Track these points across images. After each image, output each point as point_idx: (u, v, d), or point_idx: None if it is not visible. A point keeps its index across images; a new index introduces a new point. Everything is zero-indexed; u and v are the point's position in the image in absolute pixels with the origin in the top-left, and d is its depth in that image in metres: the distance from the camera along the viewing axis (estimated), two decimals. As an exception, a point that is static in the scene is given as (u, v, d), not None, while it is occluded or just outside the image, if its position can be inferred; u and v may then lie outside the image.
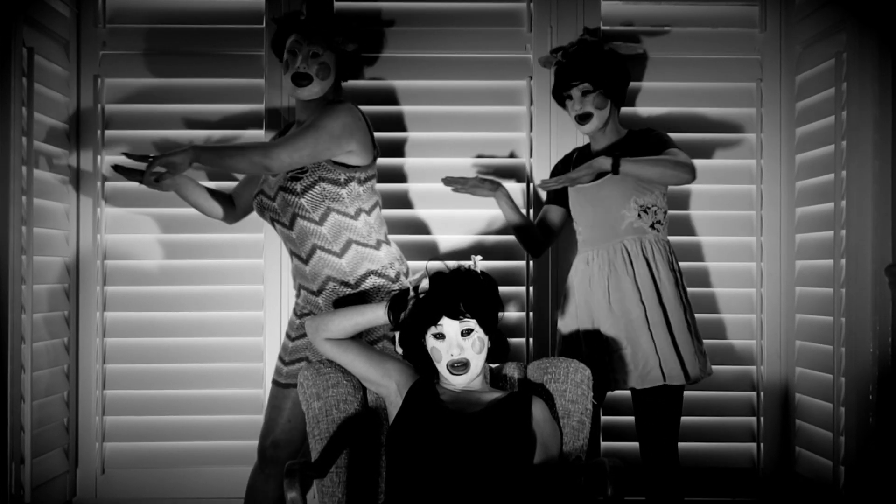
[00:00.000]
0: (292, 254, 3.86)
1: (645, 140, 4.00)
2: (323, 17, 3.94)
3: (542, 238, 4.25)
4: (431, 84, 4.52)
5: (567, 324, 4.06)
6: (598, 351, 3.92)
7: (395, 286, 3.79)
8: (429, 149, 4.52)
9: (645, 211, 3.96)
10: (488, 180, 4.12)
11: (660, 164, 3.82)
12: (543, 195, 4.38)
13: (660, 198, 3.99)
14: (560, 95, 4.07)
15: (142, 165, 3.82)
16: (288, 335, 3.95)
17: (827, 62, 4.22)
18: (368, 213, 3.87)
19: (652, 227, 3.97)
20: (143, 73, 4.49)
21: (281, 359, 3.94)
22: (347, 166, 3.81)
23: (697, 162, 4.43)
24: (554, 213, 4.25)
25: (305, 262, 3.81)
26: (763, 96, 4.54)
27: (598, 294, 3.94)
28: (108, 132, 4.49)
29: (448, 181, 4.12)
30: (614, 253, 3.95)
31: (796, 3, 4.50)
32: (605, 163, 3.83)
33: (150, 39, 4.51)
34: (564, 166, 4.22)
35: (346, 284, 3.78)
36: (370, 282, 3.79)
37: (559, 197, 4.21)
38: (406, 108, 4.50)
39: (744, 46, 4.57)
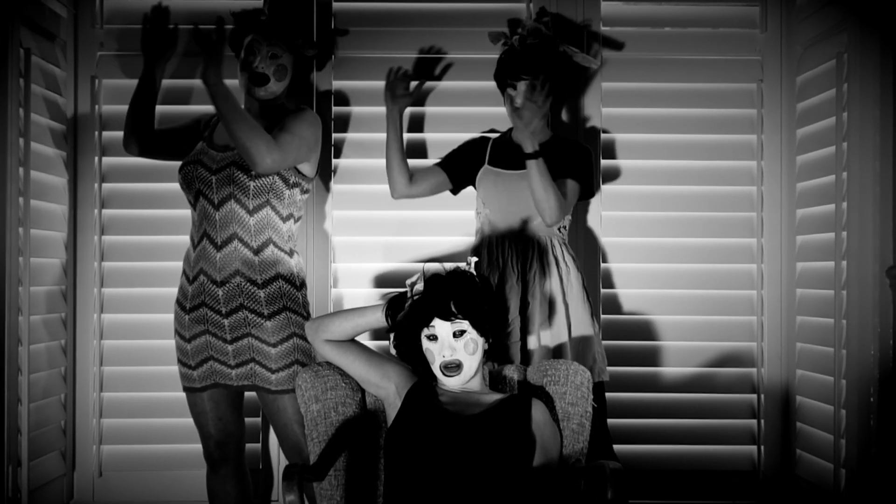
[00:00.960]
0: (204, 236, 3.86)
1: (567, 150, 4.13)
2: (285, 19, 3.97)
3: (402, 179, 4.25)
4: (429, 85, 4.52)
5: None
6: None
7: (299, 294, 3.90)
8: (426, 150, 4.53)
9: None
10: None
11: (551, 191, 3.92)
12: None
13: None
14: (503, 81, 4.13)
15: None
16: (182, 336, 3.94)
17: (828, 63, 4.22)
18: (294, 221, 3.96)
19: (559, 230, 4.10)
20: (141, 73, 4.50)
21: (184, 363, 3.95)
22: (300, 172, 3.91)
23: (698, 163, 4.47)
24: (433, 176, 4.30)
25: (218, 248, 3.84)
26: (764, 97, 4.54)
27: (510, 281, 3.99)
28: (105, 133, 4.49)
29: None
30: (525, 246, 4.04)
31: (797, 3, 4.50)
32: (531, 145, 3.92)
33: (148, 40, 4.51)
34: (477, 149, 4.25)
35: (253, 283, 3.82)
36: (276, 285, 3.85)
37: (456, 169, 4.28)
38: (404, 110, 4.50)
39: (744, 47, 4.57)
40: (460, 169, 4.27)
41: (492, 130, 4.40)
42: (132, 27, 4.50)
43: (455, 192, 4.32)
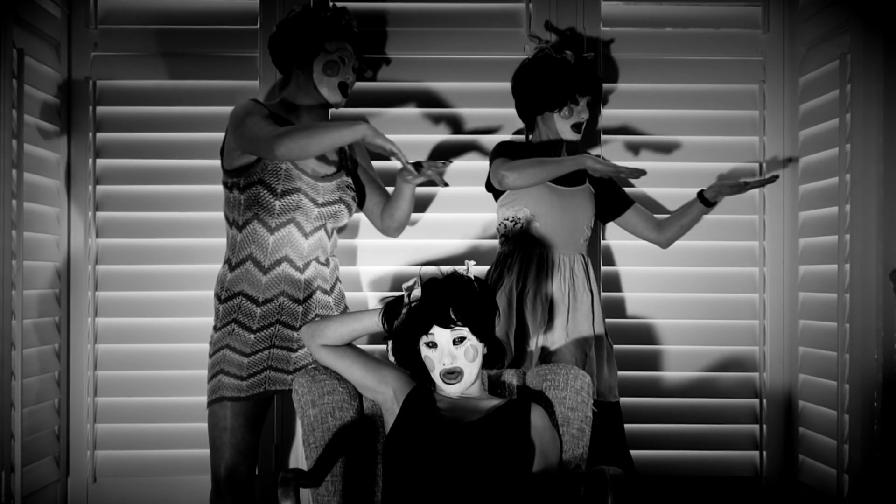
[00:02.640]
0: (284, 260, 3.83)
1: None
2: (364, 34, 3.98)
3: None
4: (428, 85, 4.53)
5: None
6: (547, 356, 4.04)
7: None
8: (423, 152, 4.52)
9: (590, 229, 4.19)
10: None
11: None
12: None
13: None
14: (571, 97, 4.09)
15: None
16: (241, 351, 3.82)
17: (831, 63, 4.22)
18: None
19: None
20: (136, 74, 4.49)
21: (234, 374, 3.79)
22: None
23: (699, 165, 4.49)
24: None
25: (302, 271, 3.87)
26: (766, 98, 4.55)
27: (557, 294, 4.04)
28: (99, 135, 4.48)
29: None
30: (575, 262, 4.09)
31: (800, 3, 4.50)
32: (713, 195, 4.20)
33: (143, 41, 4.51)
34: (519, 151, 4.18)
35: (325, 292, 3.93)
36: (338, 288, 4.01)
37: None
38: (402, 110, 4.49)
39: (746, 47, 4.57)
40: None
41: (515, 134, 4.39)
42: (127, 27, 4.50)
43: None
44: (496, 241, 4.44)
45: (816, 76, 4.38)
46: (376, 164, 4.25)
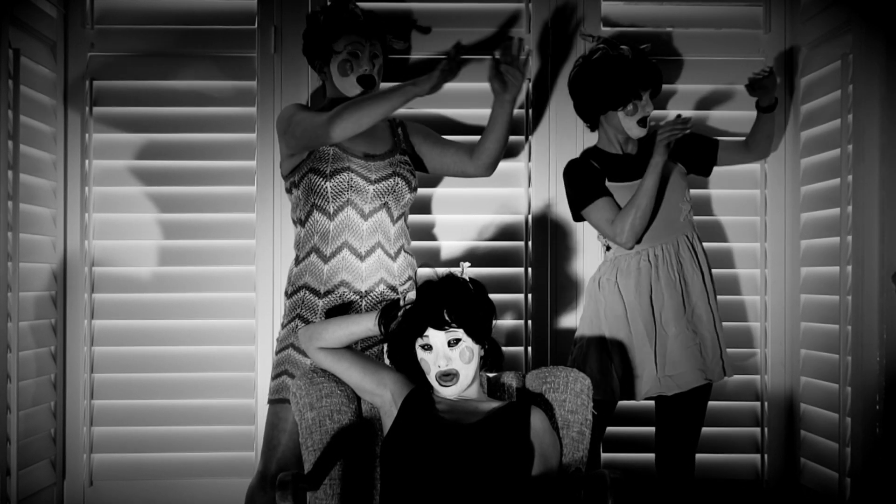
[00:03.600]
0: (344, 245, 3.81)
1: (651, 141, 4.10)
2: (377, 16, 3.94)
3: None
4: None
5: (611, 328, 4.04)
6: (645, 358, 3.98)
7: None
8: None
9: (691, 204, 4.14)
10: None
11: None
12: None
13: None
14: (635, 93, 4.07)
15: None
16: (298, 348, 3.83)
17: (833, 64, 4.22)
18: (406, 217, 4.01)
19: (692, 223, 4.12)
20: (133, 75, 4.49)
21: (289, 373, 3.80)
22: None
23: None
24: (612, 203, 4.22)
25: (363, 258, 3.83)
26: (767, 99, 4.55)
27: (668, 290, 3.96)
28: (96, 136, 4.48)
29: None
30: (679, 246, 4.03)
31: (801, 3, 4.51)
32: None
33: (140, 41, 4.51)
34: (591, 174, 4.11)
35: (393, 289, 3.85)
36: (379, 290, 3.83)
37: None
38: (399, 112, 4.48)
39: (747, 48, 4.58)
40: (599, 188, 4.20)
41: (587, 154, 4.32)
42: (123, 27, 4.50)
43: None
44: (493, 243, 4.46)
45: (818, 76, 4.38)
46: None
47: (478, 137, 4.01)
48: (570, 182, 4.13)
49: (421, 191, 4.45)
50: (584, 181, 4.09)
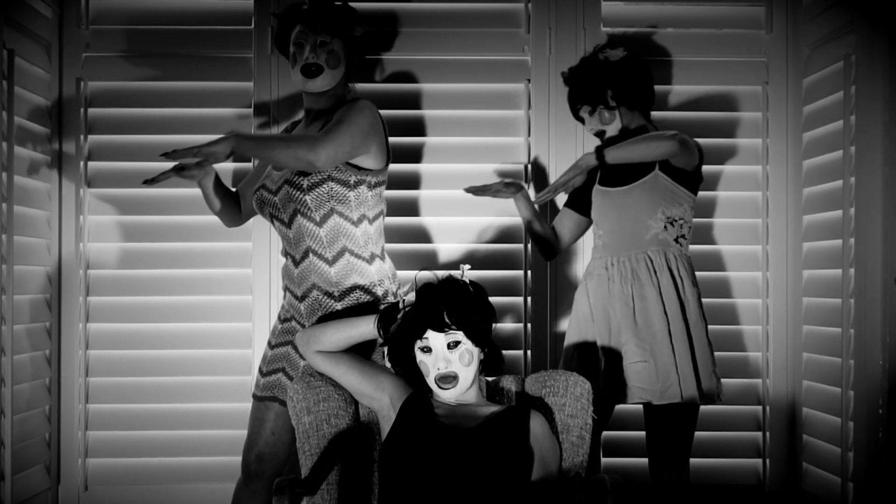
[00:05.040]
0: (286, 254, 3.83)
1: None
2: (326, 3, 3.91)
3: (556, 242, 4.29)
4: (425, 87, 4.53)
5: (581, 331, 4.05)
6: (614, 361, 3.93)
7: (381, 305, 3.72)
8: (420, 154, 4.53)
9: (671, 223, 3.98)
10: (512, 184, 4.15)
11: (642, 141, 3.84)
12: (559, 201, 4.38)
13: (687, 211, 4.01)
14: (574, 110, 4.16)
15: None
16: (269, 343, 3.93)
17: (835, 65, 4.23)
18: (371, 221, 3.82)
19: (676, 240, 3.98)
20: (128, 75, 4.49)
21: (259, 369, 3.92)
22: (360, 168, 3.76)
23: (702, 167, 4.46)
24: (567, 220, 4.28)
25: (296, 264, 3.78)
26: (769, 100, 4.55)
27: (619, 302, 3.94)
28: (91, 137, 4.49)
29: (471, 190, 4.13)
30: (637, 262, 3.94)
31: (804, 3, 4.51)
32: (590, 158, 3.87)
33: (135, 41, 4.51)
34: (592, 171, 4.15)
35: (330, 296, 3.73)
36: (354, 296, 3.73)
37: (578, 201, 4.23)
38: (397, 112, 4.49)
39: (749, 48, 4.58)
40: (581, 197, 4.22)
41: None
42: (119, 28, 4.51)
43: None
44: (493, 246, 4.46)
45: (820, 77, 4.39)
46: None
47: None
48: None
49: (422, 192, 4.46)
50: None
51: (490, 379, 3.57)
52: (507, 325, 4.46)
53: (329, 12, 3.87)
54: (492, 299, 3.39)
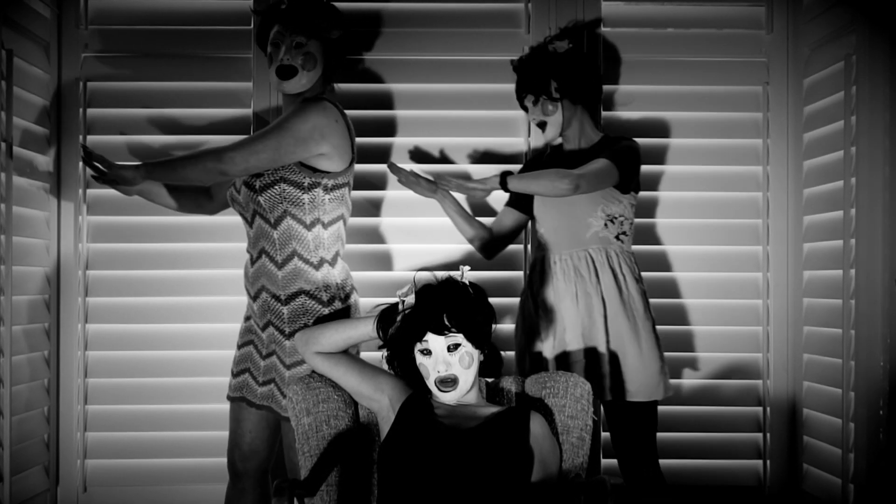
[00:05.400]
0: (248, 251, 3.86)
1: (607, 148, 4.04)
2: (304, 4, 3.91)
3: (498, 242, 4.31)
4: (425, 87, 4.53)
5: (528, 330, 4.09)
6: (562, 359, 3.97)
7: (326, 310, 3.75)
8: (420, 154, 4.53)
9: (612, 220, 4.02)
10: (424, 178, 4.12)
11: (543, 177, 3.88)
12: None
13: (627, 208, 4.04)
14: (518, 96, 4.17)
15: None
16: (237, 343, 3.97)
17: (836, 65, 4.22)
18: (325, 226, 3.81)
19: (617, 237, 4.02)
20: (127, 76, 4.49)
21: (231, 370, 3.97)
22: (315, 170, 3.75)
23: (701, 168, 4.49)
24: (507, 217, 4.30)
25: (252, 263, 3.83)
26: (770, 100, 4.55)
27: (566, 300, 3.97)
28: (90, 137, 4.48)
29: (391, 168, 4.13)
30: (579, 260, 4.00)
31: (804, 3, 4.51)
32: (495, 182, 3.93)
33: (134, 41, 4.51)
34: (535, 163, 4.24)
35: (277, 299, 3.76)
36: (299, 301, 3.74)
37: (519, 199, 4.24)
38: (398, 113, 4.49)
39: (750, 48, 4.58)
40: (522, 196, 4.21)
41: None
42: (118, 28, 4.51)
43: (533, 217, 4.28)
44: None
45: (821, 77, 4.38)
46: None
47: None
48: None
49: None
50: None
51: (490, 380, 3.57)
52: (507, 326, 4.45)
53: (306, 13, 3.87)
54: (491, 300, 3.39)
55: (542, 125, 4.09)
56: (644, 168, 4.44)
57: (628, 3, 4.58)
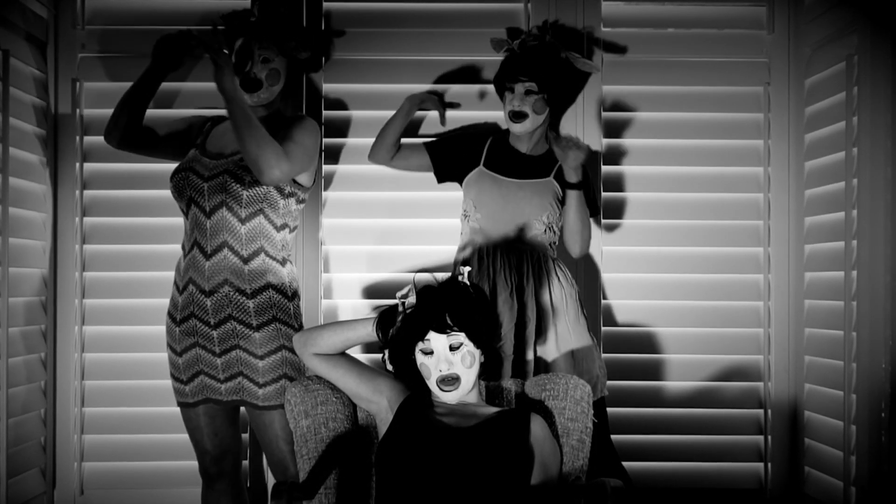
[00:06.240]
0: (194, 245, 3.85)
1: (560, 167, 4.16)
2: (276, 21, 3.94)
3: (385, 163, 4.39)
4: (425, 88, 4.52)
5: None
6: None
7: (290, 305, 3.87)
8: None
9: (549, 228, 4.14)
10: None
11: (587, 224, 4.15)
12: None
13: (556, 223, 4.17)
14: (502, 85, 4.19)
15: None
16: (172, 349, 3.94)
17: (838, 65, 4.22)
18: (290, 231, 3.95)
19: (550, 245, 4.15)
20: (124, 76, 4.48)
21: (176, 378, 3.94)
22: (296, 182, 3.90)
23: (702, 169, 4.47)
24: (415, 159, 4.36)
25: (208, 257, 3.82)
26: (771, 101, 4.55)
27: (503, 294, 4.01)
28: (87, 138, 4.49)
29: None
30: (520, 257, 4.08)
31: (806, 3, 4.51)
32: (574, 175, 4.06)
33: (132, 42, 4.51)
34: (473, 146, 4.26)
35: (242, 292, 3.80)
36: (266, 295, 3.82)
37: (450, 164, 4.30)
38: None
39: (751, 49, 4.58)
40: (450, 161, 4.32)
41: (488, 125, 4.41)
42: (115, 28, 4.51)
43: (439, 181, 4.36)
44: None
45: (823, 78, 4.38)
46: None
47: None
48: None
49: (420, 194, 4.46)
50: (453, 139, 4.36)
51: (490, 382, 3.57)
52: (506, 328, 4.46)
53: (278, 31, 3.97)
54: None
55: (519, 116, 4.13)
56: (644, 169, 4.48)
57: (628, 3, 4.58)
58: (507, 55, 4.23)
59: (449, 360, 3.23)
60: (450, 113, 4.50)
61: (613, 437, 4.39)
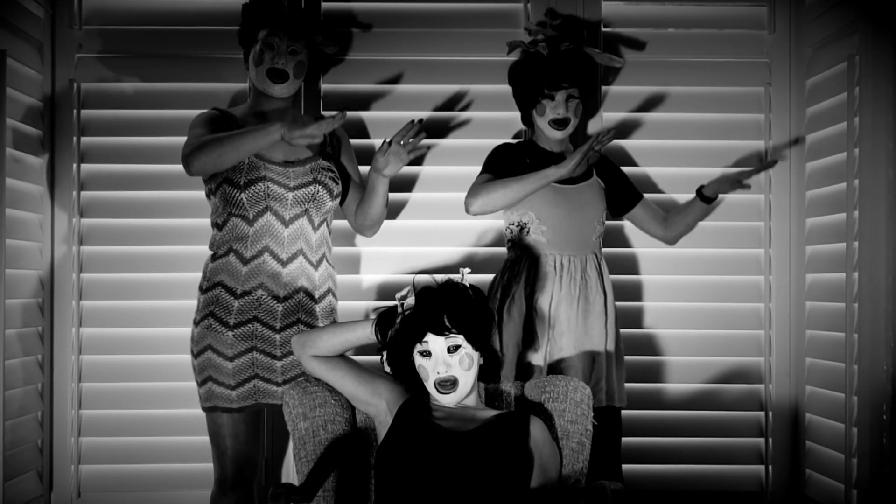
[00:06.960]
0: (264, 251, 3.85)
1: (615, 169, 4.29)
2: (307, 14, 3.95)
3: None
4: (425, 88, 4.53)
5: (518, 332, 4.08)
6: (555, 367, 4.00)
7: (338, 307, 3.99)
8: (422, 157, 4.50)
9: (602, 226, 4.18)
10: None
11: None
12: None
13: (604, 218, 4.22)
14: (538, 91, 4.10)
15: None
16: (223, 354, 3.87)
17: (839, 65, 4.22)
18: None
19: (600, 247, 4.18)
20: (122, 76, 4.49)
21: (220, 382, 3.86)
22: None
23: (703, 170, 4.46)
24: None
25: (284, 264, 3.87)
26: (772, 101, 4.55)
27: (564, 304, 4.00)
28: (84, 139, 4.49)
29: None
30: (587, 263, 4.07)
31: (807, 3, 4.51)
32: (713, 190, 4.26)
33: (129, 42, 4.51)
34: (517, 162, 4.15)
35: (312, 297, 3.90)
36: (328, 299, 3.98)
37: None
38: (399, 114, 4.48)
39: (751, 49, 4.58)
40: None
41: (508, 145, 4.34)
42: (112, 28, 4.51)
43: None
44: (492, 249, 4.45)
45: (824, 78, 4.38)
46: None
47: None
48: (487, 159, 4.21)
49: (420, 194, 4.46)
50: (505, 155, 4.19)
51: (489, 385, 3.57)
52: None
53: (307, 24, 3.98)
54: (490, 303, 3.40)
55: (563, 123, 4.10)
56: (645, 170, 4.47)
57: (629, 3, 4.58)
58: (534, 58, 4.13)
59: (447, 362, 3.23)
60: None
61: (625, 439, 4.40)
